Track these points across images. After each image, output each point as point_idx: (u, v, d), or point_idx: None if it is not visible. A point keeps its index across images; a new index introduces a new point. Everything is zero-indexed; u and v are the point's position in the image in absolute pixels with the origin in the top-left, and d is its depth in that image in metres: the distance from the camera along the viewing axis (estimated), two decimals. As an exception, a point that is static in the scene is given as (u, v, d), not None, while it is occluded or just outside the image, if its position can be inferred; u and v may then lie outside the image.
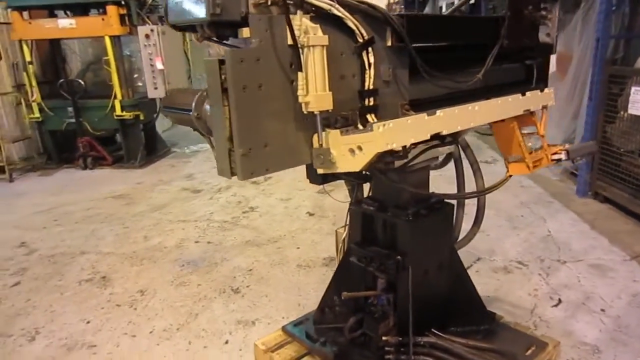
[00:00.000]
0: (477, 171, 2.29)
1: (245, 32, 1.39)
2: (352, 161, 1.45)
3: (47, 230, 4.56)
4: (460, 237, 2.43)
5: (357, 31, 1.54)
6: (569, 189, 5.01)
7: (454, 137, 1.84)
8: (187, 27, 1.47)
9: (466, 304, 2.35)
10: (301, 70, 1.37)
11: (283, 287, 3.25)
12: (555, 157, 2.16)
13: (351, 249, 2.30)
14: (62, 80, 6.96)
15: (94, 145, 6.97)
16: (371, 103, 1.65)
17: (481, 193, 2.16)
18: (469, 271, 3.41)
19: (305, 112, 1.42)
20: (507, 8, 1.98)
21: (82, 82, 7.05)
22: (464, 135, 2.16)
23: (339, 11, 1.48)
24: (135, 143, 7.07)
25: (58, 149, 7.25)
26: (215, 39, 1.43)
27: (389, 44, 1.65)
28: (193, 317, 2.96)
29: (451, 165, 2.31)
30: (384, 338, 2.10)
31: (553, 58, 5.64)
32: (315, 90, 1.38)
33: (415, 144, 1.75)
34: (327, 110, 1.43)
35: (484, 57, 1.95)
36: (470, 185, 2.24)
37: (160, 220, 4.66)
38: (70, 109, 6.83)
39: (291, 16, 1.34)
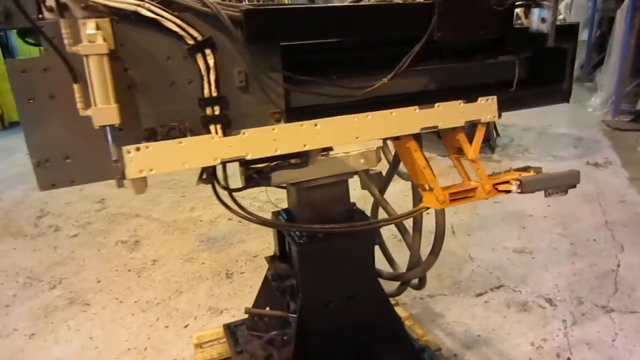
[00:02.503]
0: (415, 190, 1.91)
1: (45, 40, 1.34)
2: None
3: (124, 191, 5.15)
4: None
5: (182, 33, 1.36)
6: (686, 214, 3.85)
7: (303, 158, 1.53)
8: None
9: (393, 347, 2.01)
10: (76, 82, 1.27)
11: (271, 280, 3.18)
12: (502, 188, 1.66)
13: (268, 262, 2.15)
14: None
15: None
16: (216, 112, 1.47)
17: (371, 224, 1.80)
18: (478, 299, 2.93)
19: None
20: None
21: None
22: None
23: (149, 11, 1.32)
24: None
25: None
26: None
27: (241, 43, 1.44)
28: (177, 295, 3.11)
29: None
30: (272, 365, 1.94)
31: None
32: (94, 104, 1.27)
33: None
34: (114, 125, 1.30)
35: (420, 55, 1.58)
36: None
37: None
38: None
39: (61, 21, 1.24)
